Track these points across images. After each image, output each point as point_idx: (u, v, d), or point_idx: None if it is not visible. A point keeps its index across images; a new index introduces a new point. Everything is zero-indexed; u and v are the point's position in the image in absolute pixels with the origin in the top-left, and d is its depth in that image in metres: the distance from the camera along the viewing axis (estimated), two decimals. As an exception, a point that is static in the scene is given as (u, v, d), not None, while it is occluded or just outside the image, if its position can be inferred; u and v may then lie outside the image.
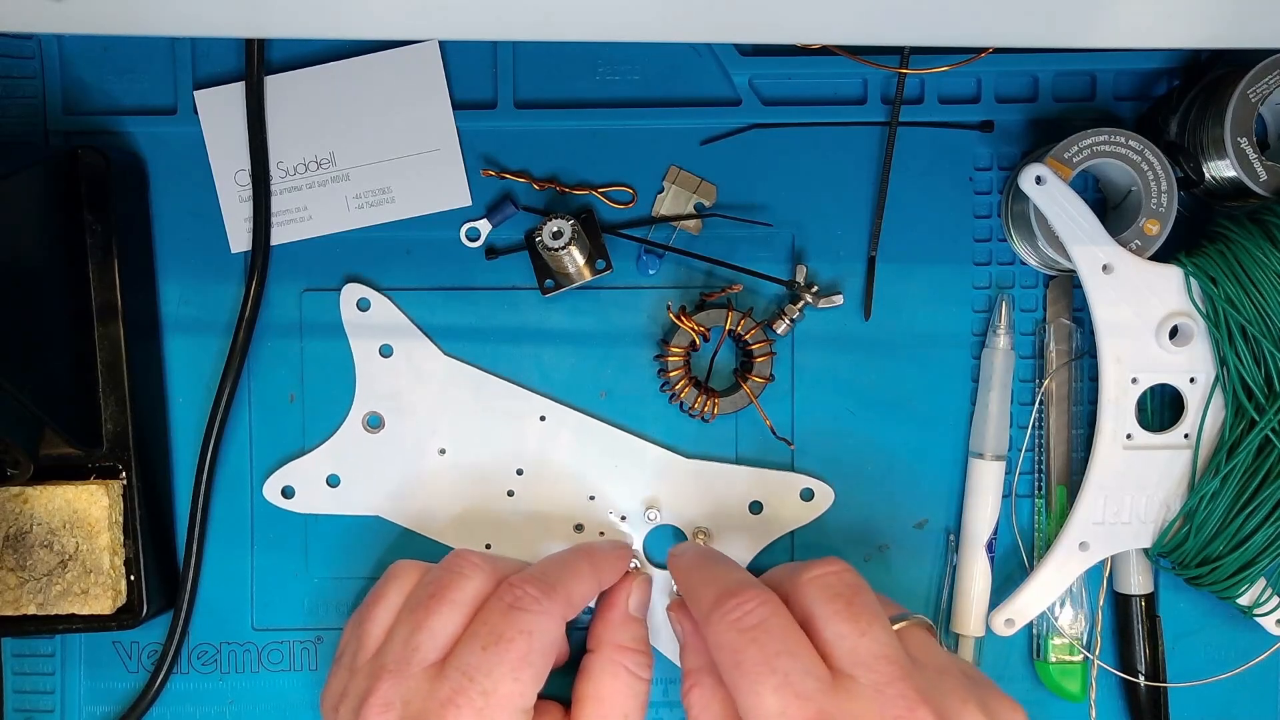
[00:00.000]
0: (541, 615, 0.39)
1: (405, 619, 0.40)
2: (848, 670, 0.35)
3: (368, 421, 0.47)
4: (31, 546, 0.44)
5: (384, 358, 0.47)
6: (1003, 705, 0.36)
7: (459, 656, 0.38)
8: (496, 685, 0.37)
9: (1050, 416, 0.47)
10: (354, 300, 0.47)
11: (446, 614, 0.39)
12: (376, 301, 0.47)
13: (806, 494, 0.47)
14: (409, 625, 0.39)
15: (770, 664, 0.35)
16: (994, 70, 0.47)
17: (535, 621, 0.39)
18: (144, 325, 0.47)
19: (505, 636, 0.38)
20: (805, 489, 0.47)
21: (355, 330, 0.47)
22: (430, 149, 0.47)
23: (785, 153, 0.47)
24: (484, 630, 0.38)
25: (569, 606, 0.40)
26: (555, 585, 0.40)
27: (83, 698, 0.48)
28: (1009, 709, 0.36)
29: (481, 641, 0.38)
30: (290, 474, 0.47)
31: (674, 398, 0.46)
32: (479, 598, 0.40)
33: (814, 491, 0.47)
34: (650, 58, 0.47)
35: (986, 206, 0.47)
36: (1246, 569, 0.43)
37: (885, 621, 0.36)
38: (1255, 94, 0.42)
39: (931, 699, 0.34)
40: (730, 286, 0.47)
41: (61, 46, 0.47)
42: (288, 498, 0.47)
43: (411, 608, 0.40)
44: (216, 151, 0.47)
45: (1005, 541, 0.47)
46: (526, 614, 0.39)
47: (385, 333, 0.47)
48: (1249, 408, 0.43)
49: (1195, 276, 0.43)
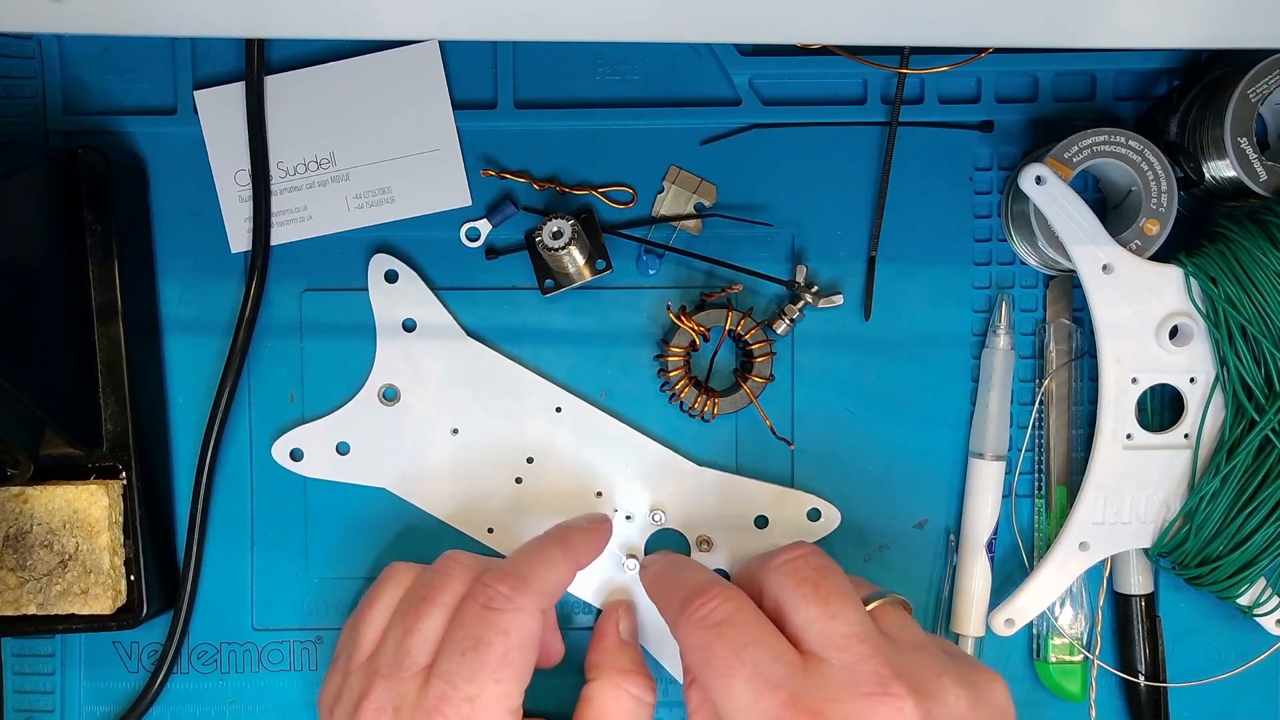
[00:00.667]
0: (517, 613, 0.39)
1: (398, 622, 0.40)
2: (819, 653, 0.35)
3: (383, 394, 0.47)
4: (31, 546, 0.44)
5: (406, 331, 0.47)
6: (981, 676, 0.36)
7: (441, 663, 0.38)
8: (480, 690, 0.37)
9: (1050, 416, 0.47)
10: (382, 270, 0.47)
11: (435, 617, 0.39)
12: (404, 274, 0.47)
13: (813, 514, 0.47)
14: (401, 629, 0.40)
15: (739, 656, 0.35)
16: (994, 70, 0.47)
17: (510, 620, 0.38)
18: (144, 325, 0.47)
19: (483, 640, 0.38)
20: (813, 509, 0.47)
21: (380, 301, 0.47)
22: (430, 149, 0.47)
23: (785, 153, 0.47)
24: (460, 635, 0.38)
25: (544, 597, 0.40)
26: (527, 579, 0.40)
27: (83, 698, 0.48)
28: (988, 680, 0.36)
29: (460, 647, 0.38)
30: (300, 437, 0.47)
31: (674, 398, 0.46)
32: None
33: (821, 513, 0.47)
34: (650, 58, 0.47)
35: (986, 206, 0.47)
36: (1246, 569, 0.43)
37: (856, 601, 0.36)
38: (1255, 94, 0.42)
39: (907, 675, 0.34)
40: (730, 286, 0.47)
41: (61, 46, 0.47)
42: (296, 460, 0.47)
43: (403, 611, 0.40)
44: (216, 151, 0.47)
45: (1005, 541, 0.47)
46: (501, 614, 0.38)
47: (410, 306, 0.47)
48: (1249, 408, 0.43)
49: (1195, 276, 0.43)
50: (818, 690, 0.34)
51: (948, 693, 0.34)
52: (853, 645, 0.35)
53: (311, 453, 0.47)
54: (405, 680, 0.38)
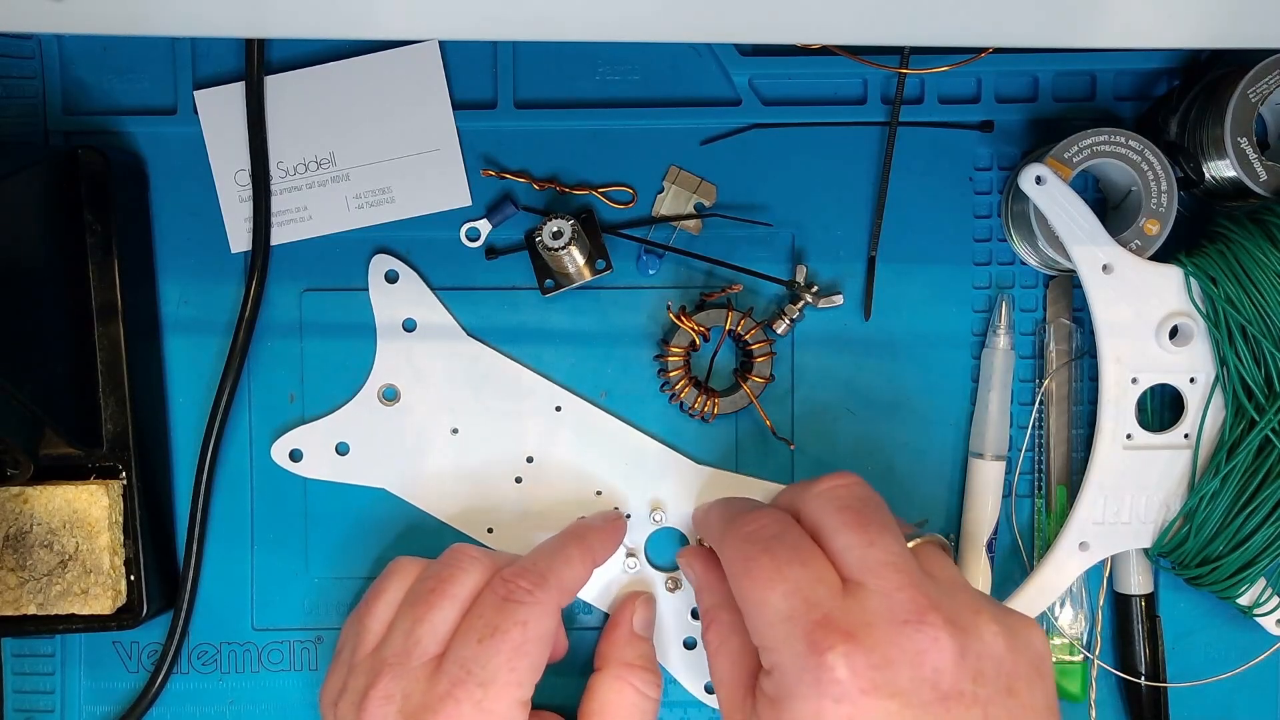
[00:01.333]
0: (535, 606, 0.39)
1: (405, 614, 0.40)
2: (857, 578, 0.34)
3: (383, 394, 0.47)
4: (31, 546, 0.44)
5: (406, 331, 0.47)
6: (1019, 621, 0.35)
7: (455, 650, 0.38)
8: (494, 676, 0.37)
9: (1050, 416, 0.47)
10: (382, 271, 0.47)
11: (446, 608, 0.39)
12: (405, 274, 0.47)
13: None
14: (409, 620, 0.40)
15: (780, 571, 0.35)
16: (994, 70, 0.47)
17: (529, 613, 0.39)
18: (144, 325, 0.47)
19: (500, 629, 0.38)
20: None
21: (380, 301, 0.47)
22: (430, 149, 0.47)
23: (785, 153, 0.47)
24: (479, 624, 0.39)
25: (563, 594, 0.41)
26: (547, 575, 0.40)
27: (83, 698, 0.48)
28: (1025, 625, 0.35)
29: (477, 634, 0.38)
30: (300, 438, 0.47)
31: (674, 397, 0.46)
32: (476, 592, 0.40)
33: None
34: (650, 58, 0.47)
35: (986, 206, 0.47)
36: (1246, 569, 0.43)
37: (896, 533, 0.36)
38: (1255, 94, 0.42)
39: (944, 608, 0.34)
40: (730, 286, 0.47)
41: (61, 46, 0.47)
42: (295, 461, 0.47)
43: (411, 603, 0.40)
44: (216, 151, 0.47)
45: (1005, 541, 0.47)
46: (521, 606, 0.39)
47: (410, 306, 0.47)
48: (1249, 408, 0.43)
49: (1195, 276, 0.43)
50: (854, 614, 0.33)
51: (985, 629, 0.34)
52: (890, 573, 0.34)
53: (311, 453, 0.47)
54: (414, 669, 0.38)
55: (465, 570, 0.41)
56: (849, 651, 0.32)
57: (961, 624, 0.34)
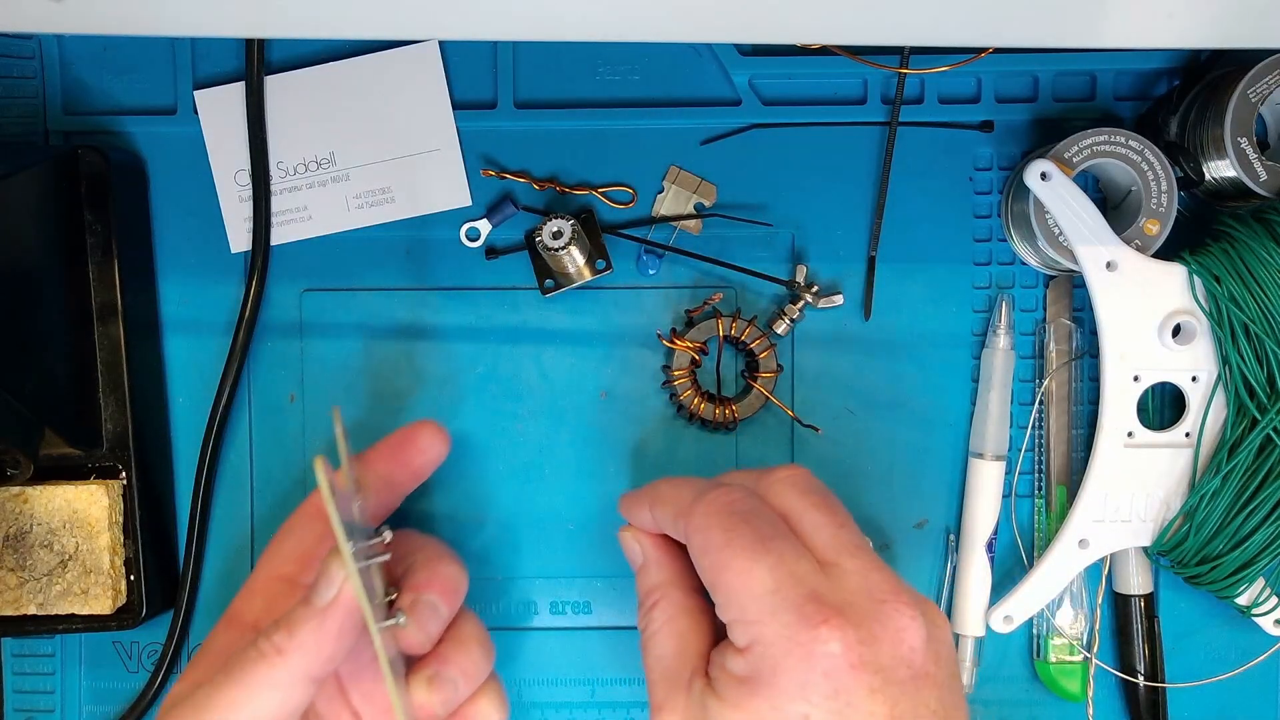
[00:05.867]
0: (279, 667, 0.36)
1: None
2: (832, 558, 0.35)
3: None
4: (31, 546, 0.44)
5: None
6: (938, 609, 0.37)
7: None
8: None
9: (1050, 416, 0.47)
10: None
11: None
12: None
13: None
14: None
15: (765, 544, 0.35)
16: (994, 70, 0.47)
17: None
18: (144, 325, 0.46)
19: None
20: None
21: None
22: (430, 149, 0.47)
23: (785, 153, 0.47)
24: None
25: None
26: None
27: (83, 698, 0.48)
28: (941, 613, 0.37)
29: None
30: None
31: (692, 418, 0.46)
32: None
33: None
34: (650, 58, 0.47)
35: (986, 206, 0.47)
36: (1246, 568, 0.43)
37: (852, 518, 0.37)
38: (1255, 94, 0.42)
39: (905, 590, 0.35)
40: (712, 297, 0.46)
41: (61, 46, 0.47)
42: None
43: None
44: (216, 151, 0.47)
45: (1005, 541, 0.47)
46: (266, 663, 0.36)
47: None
48: (1251, 407, 0.43)
49: (1199, 275, 0.43)
50: (837, 591, 0.34)
51: (936, 615, 0.35)
52: (863, 554, 0.35)
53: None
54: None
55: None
56: (841, 625, 0.33)
57: (922, 607, 0.35)
